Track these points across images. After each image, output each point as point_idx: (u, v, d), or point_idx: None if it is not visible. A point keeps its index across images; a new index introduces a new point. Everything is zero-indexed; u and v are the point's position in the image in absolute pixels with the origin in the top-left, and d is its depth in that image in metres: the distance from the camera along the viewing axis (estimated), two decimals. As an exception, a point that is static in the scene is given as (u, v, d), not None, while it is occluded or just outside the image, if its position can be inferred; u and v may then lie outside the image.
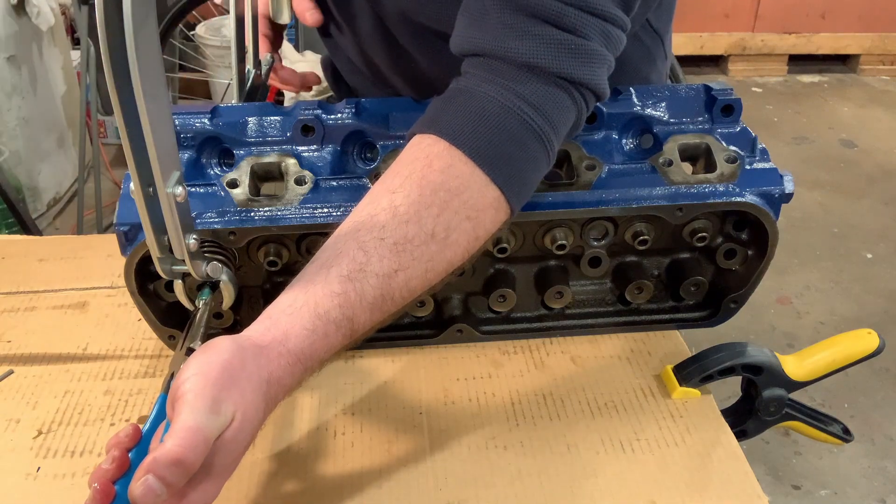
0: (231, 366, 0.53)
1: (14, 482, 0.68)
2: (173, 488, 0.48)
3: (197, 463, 0.49)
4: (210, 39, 2.72)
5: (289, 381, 0.56)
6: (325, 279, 0.58)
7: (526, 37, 0.62)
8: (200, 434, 0.49)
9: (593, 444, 0.72)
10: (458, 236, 0.61)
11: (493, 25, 0.63)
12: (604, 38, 0.64)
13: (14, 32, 2.20)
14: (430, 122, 0.64)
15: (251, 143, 0.75)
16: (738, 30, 3.59)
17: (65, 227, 2.48)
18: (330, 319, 0.57)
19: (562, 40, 0.62)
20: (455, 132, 0.61)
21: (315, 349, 0.57)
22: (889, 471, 1.77)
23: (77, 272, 0.95)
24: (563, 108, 0.64)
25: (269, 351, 0.55)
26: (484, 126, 0.62)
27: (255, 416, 0.53)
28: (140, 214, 0.58)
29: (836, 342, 0.76)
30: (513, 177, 0.62)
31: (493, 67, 0.63)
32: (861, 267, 2.43)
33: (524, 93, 0.62)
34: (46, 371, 0.81)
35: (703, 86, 0.79)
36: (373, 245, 0.59)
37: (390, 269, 0.59)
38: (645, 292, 0.83)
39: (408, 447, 0.72)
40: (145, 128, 0.53)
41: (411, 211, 0.59)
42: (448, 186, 0.60)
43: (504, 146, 0.62)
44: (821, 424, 0.80)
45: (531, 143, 0.63)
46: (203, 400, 0.50)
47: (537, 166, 0.65)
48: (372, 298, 0.58)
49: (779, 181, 0.76)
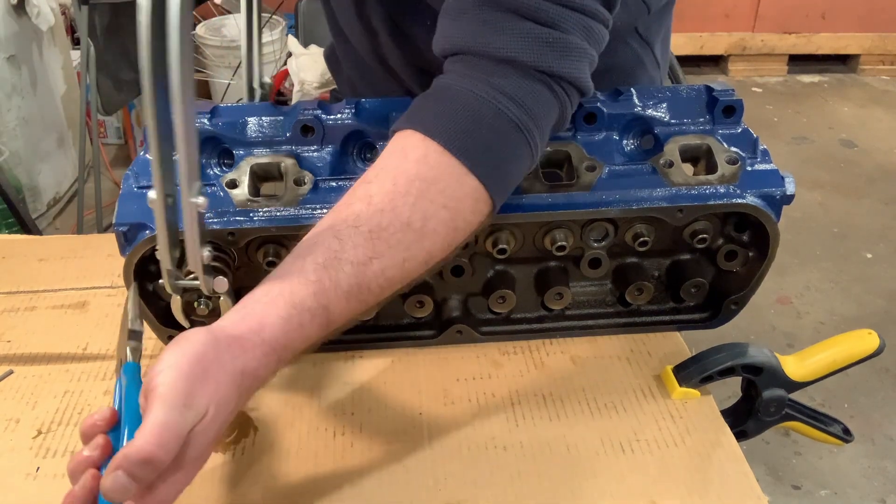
0: (205, 358, 0.52)
1: (14, 482, 0.68)
2: (143, 483, 0.49)
3: (167, 459, 0.49)
4: (210, 39, 2.72)
5: (263, 373, 0.55)
6: (300, 268, 0.57)
7: (504, 32, 0.62)
8: (172, 430, 0.49)
9: (593, 445, 0.72)
10: (435, 225, 0.61)
11: (471, 23, 0.64)
12: (584, 33, 0.64)
13: (14, 32, 2.20)
14: (408, 117, 0.64)
15: (251, 143, 0.75)
16: (738, 30, 3.59)
17: (65, 227, 2.48)
18: (305, 308, 0.56)
19: (540, 34, 0.62)
20: (430, 124, 0.62)
21: (290, 338, 0.56)
22: (889, 471, 1.77)
23: (77, 272, 0.95)
24: (543, 102, 0.64)
25: (243, 341, 0.54)
26: (460, 117, 0.62)
27: (227, 407, 0.53)
28: (157, 226, 0.58)
29: (836, 342, 0.76)
30: (491, 166, 0.62)
31: (472, 63, 0.64)
32: (861, 267, 2.43)
33: (502, 85, 0.62)
34: (46, 371, 0.81)
35: (705, 86, 0.79)
36: (347, 234, 0.58)
37: (365, 257, 0.58)
38: (645, 293, 0.83)
39: (408, 447, 0.72)
40: (178, 137, 0.53)
41: (386, 200, 0.59)
42: (423, 176, 0.60)
43: (480, 136, 0.62)
44: (821, 424, 0.80)
45: (510, 133, 0.63)
46: (175, 394, 0.50)
47: (518, 157, 0.65)
48: (347, 286, 0.58)
49: (780, 183, 0.76)
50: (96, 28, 2.16)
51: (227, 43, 2.70)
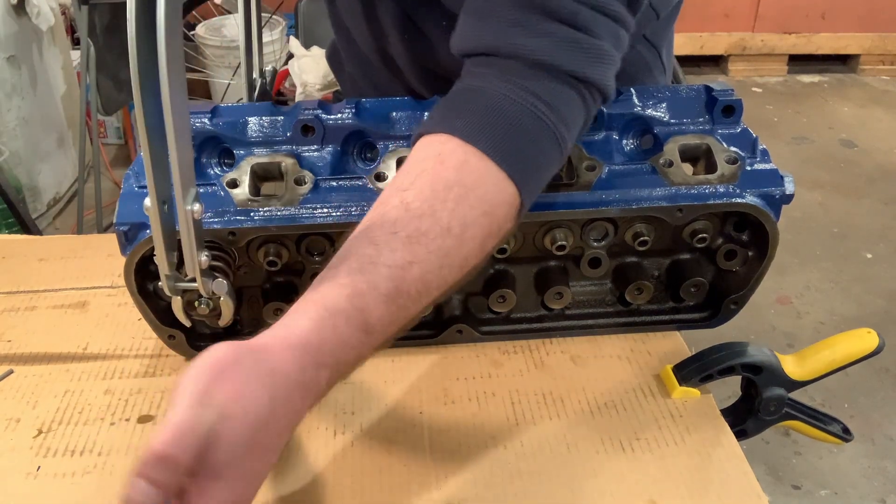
0: (223, 361, 0.50)
1: (14, 482, 0.68)
2: (166, 488, 0.46)
3: (183, 457, 0.46)
4: (210, 39, 2.72)
5: (304, 378, 0.52)
6: (332, 276, 0.55)
7: (537, 34, 0.61)
8: (184, 426, 0.47)
9: (593, 444, 0.72)
10: (474, 232, 0.59)
11: (500, 23, 0.62)
12: (613, 39, 0.63)
13: (14, 32, 2.20)
14: (439, 121, 0.62)
15: (251, 142, 0.75)
16: (738, 30, 3.59)
17: (65, 227, 2.49)
18: (338, 310, 0.53)
19: (574, 38, 0.61)
20: (468, 129, 0.60)
21: (324, 340, 0.53)
22: (889, 471, 1.77)
23: (77, 272, 0.95)
24: (574, 107, 0.63)
25: (270, 346, 0.52)
26: (498, 122, 0.60)
27: (259, 409, 0.49)
28: (153, 231, 0.58)
29: (836, 342, 0.76)
30: (528, 173, 0.61)
31: (502, 66, 0.62)
32: (861, 267, 2.43)
33: (537, 90, 0.61)
34: (46, 370, 0.81)
35: (704, 86, 0.79)
36: (384, 240, 0.56)
37: (404, 261, 0.56)
38: (645, 293, 0.83)
39: (408, 447, 0.72)
40: (170, 143, 0.52)
41: (425, 206, 0.58)
42: (464, 182, 0.59)
43: (519, 142, 0.61)
44: (821, 424, 0.80)
45: (546, 140, 0.62)
46: (189, 393, 0.48)
47: (550, 164, 0.64)
48: (386, 290, 0.55)
49: (779, 182, 0.76)
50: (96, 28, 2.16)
51: (227, 43, 2.71)
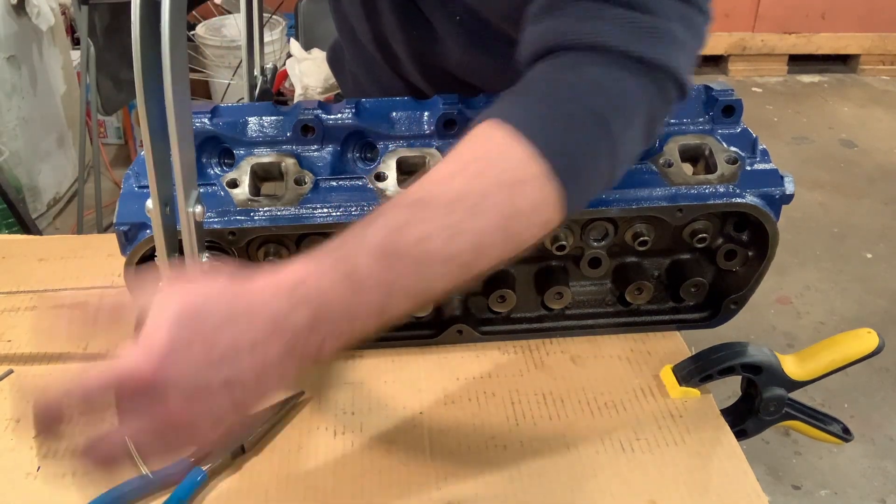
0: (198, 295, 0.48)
1: (14, 482, 0.68)
2: None
3: None
4: (210, 39, 2.72)
5: (267, 304, 0.48)
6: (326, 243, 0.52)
7: (592, 18, 0.58)
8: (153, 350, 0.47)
9: (593, 444, 0.72)
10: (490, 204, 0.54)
11: (563, 17, 0.60)
12: (684, 22, 0.59)
13: (14, 32, 2.20)
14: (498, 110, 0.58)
15: (251, 142, 0.75)
16: (738, 30, 3.59)
17: (65, 227, 2.49)
18: (321, 257, 0.50)
19: (633, 18, 0.58)
20: (526, 122, 0.56)
21: (300, 281, 0.49)
22: (889, 471, 1.77)
23: (77, 272, 0.95)
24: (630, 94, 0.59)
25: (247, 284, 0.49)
26: (553, 116, 0.57)
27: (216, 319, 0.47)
28: (155, 233, 0.58)
29: (836, 342, 0.76)
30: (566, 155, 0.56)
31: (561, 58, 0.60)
32: (861, 267, 2.43)
33: (591, 75, 0.58)
34: (46, 371, 0.80)
35: (704, 86, 0.79)
36: (390, 205, 0.53)
37: (401, 221, 0.52)
38: (645, 293, 0.83)
39: (408, 447, 0.72)
40: (173, 145, 0.52)
41: (443, 175, 0.55)
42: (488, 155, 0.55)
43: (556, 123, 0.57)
44: (821, 424, 0.80)
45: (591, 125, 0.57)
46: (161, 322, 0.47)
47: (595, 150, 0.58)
48: (376, 244, 0.51)
49: (779, 182, 0.76)
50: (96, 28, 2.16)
51: (227, 43, 2.71)
